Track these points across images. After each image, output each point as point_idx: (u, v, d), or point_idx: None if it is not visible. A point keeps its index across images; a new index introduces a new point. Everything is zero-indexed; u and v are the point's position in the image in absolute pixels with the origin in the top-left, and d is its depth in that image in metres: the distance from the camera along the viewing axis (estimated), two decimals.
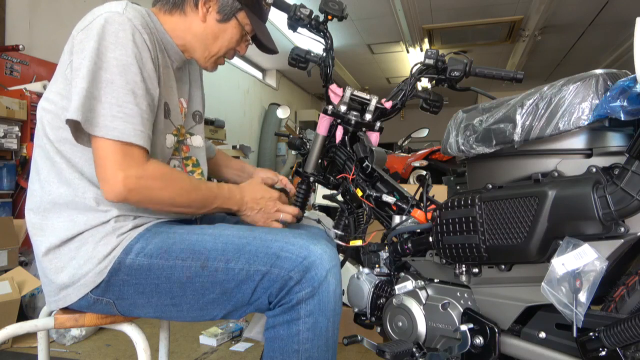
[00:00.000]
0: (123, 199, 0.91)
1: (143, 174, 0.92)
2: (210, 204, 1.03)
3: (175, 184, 0.97)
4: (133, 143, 0.91)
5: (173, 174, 0.99)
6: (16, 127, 2.72)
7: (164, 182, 0.95)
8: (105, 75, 0.90)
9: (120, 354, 2.12)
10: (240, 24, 1.12)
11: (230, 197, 1.07)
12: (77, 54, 0.93)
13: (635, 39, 0.79)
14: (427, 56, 1.35)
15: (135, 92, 0.92)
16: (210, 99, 6.10)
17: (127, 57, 0.92)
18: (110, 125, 0.89)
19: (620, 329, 0.79)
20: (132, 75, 0.92)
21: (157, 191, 0.94)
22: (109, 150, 0.90)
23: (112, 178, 0.89)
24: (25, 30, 3.32)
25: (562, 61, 7.68)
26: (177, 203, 0.98)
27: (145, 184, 0.92)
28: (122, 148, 0.90)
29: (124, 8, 0.95)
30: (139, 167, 0.92)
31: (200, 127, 1.22)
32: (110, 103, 0.90)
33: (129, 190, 0.90)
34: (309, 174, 1.44)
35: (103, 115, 0.89)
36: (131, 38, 0.93)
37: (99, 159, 0.91)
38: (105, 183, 0.90)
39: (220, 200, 1.05)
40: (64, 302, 0.98)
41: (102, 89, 0.90)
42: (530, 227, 0.91)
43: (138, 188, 0.91)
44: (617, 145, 0.91)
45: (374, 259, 1.31)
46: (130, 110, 0.91)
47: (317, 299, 0.92)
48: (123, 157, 0.90)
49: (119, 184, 0.89)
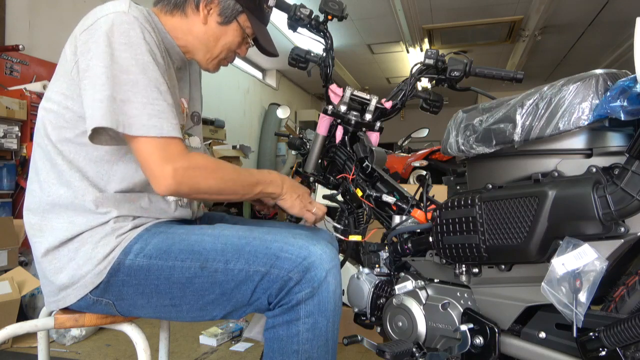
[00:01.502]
0: (175, 191, 0.92)
1: (189, 164, 0.93)
2: (254, 188, 1.04)
3: (220, 171, 0.98)
4: (172, 136, 0.92)
5: (217, 162, 1.00)
6: (16, 127, 2.72)
7: (210, 171, 0.96)
8: (127, 76, 0.90)
9: (120, 354, 2.12)
10: (241, 26, 1.12)
11: (272, 181, 1.07)
12: (83, 55, 0.92)
13: (635, 39, 0.79)
14: (427, 56, 1.35)
15: (160, 89, 0.93)
16: (210, 99, 6.08)
17: (143, 55, 0.93)
18: (148, 123, 0.90)
19: (620, 329, 0.79)
20: (152, 73, 0.93)
21: (204, 180, 0.95)
22: (152, 148, 0.91)
23: (161, 173, 0.90)
24: (25, 30, 3.32)
25: (562, 61, 7.68)
26: (223, 190, 0.99)
27: (193, 174, 0.93)
28: (163, 143, 0.91)
29: (128, 7, 0.95)
30: (184, 159, 0.93)
31: (198, 128, 1.23)
32: (142, 102, 0.91)
33: (179, 182, 0.91)
34: (309, 174, 1.44)
35: (138, 116, 0.90)
36: (142, 36, 0.93)
37: (144, 158, 0.91)
38: (155, 179, 0.91)
39: (263, 185, 1.06)
40: (64, 302, 0.98)
41: (129, 91, 0.90)
42: (530, 227, 0.91)
43: (187, 179, 0.92)
44: (617, 145, 0.91)
45: (374, 259, 1.31)
46: (160, 106, 0.92)
47: (316, 299, 0.92)
48: (166, 152, 0.91)
49: (169, 178, 0.90)
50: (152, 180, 0.92)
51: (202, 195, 0.97)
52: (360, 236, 1.30)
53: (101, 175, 0.98)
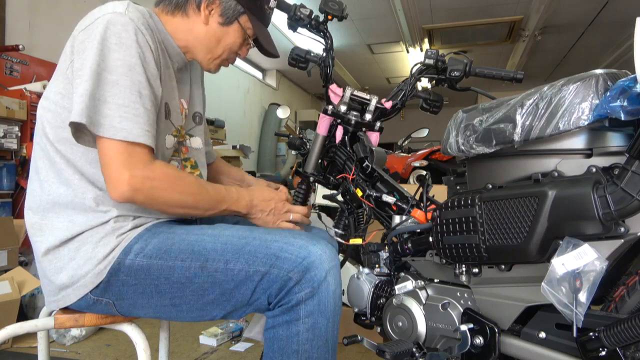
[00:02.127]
0: (128, 199, 0.91)
1: (149, 174, 0.92)
2: (218, 206, 1.02)
3: (182, 185, 0.96)
4: (140, 143, 0.91)
5: (180, 175, 0.98)
6: (16, 127, 2.72)
7: (171, 183, 0.95)
8: (111, 76, 0.90)
9: (120, 354, 2.12)
10: (243, 27, 1.12)
11: (238, 200, 1.05)
12: (79, 54, 0.92)
13: (635, 39, 0.79)
14: (427, 56, 1.35)
15: (141, 93, 0.92)
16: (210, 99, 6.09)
17: (132, 57, 0.92)
18: (118, 126, 0.89)
19: (620, 329, 0.79)
20: (137, 76, 0.92)
21: (163, 191, 0.94)
22: (115, 151, 0.89)
23: (117, 178, 0.89)
24: (25, 30, 3.32)
25: (562, 61, 7.68)
26: (183, 204, 0.97)
27: (151, 184, 0.92)
28: (128, 148, 0.90)
29: (125, 8, 0.95)
30: (146, 167, 0.91)
31: (200, 128, 1.22)
32: (117, 104, 0.90)
33: (135, 189, 0.90)
34: (309, 174, 1.44)
35: (110, 116, 0.89)
36: (134, 38, 0.93)
37: (105, 160, 0.90)
38: (111, 183, 0.90)
39: (228, 203, 1.04)
40: (64, 302, 0.98)
41: (108, 90, 0.90)
42: (530, 227, 0.91)
43: (144, 188, 0.91)
44: (617, 145, 0.91)
45: (374, 259, 1.31)
46: (137, 110, 0.91)
47: (316, 299, 0.92)
48: (129, 157, 0.90)
49: (124, 184, 0.89)
50: (107, 184, 0.91)
51: (160, 206, 0.96)
52: (360, 239, 1.30)
53: (98, 175, 0.97)
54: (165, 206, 0.96)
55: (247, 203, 1.07)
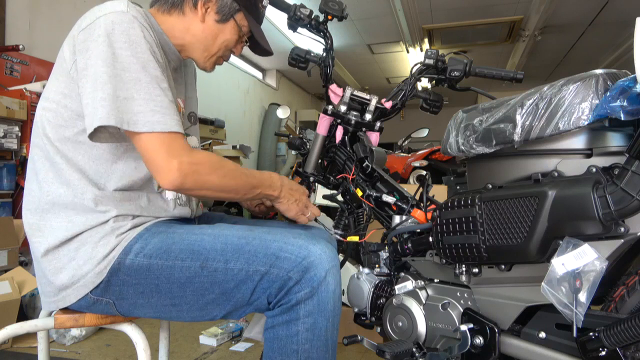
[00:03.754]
0: (180, 185, 0.92)
1: (193, 159, 0.94)
2: (255, 189, 1.05)
3: (225, 169, 0.99)
4: (176, 131, 0.93)
5: (220, 160, 1.00)
6: (16, 127, 2.72)
7: (215, 168, 0.97)
8: (130, 74, 0.91)
9: (120, 354, 2.12)
10: (238, 25, 1.14)
11: (271, 184, 1.09)
12: (82, 54, 0.93)
13: (635, 39, 0.79)
14: (427, 56, 1.35)
15: (161, 86, 0.94)
16: (210, 99, 6.06)
17: (144, 53, 0.93)
18: (152, 119, 0.91)
19: (620, 329, 0.79)
20: (153, 70, 0.94)
21: (208, 176, 0.96)
22: (157, 143, 0.91)
23: (166, 167, 0.91)
24: (25, 30, 3.32)
25: (562, 61, 7.68)
26: (226, 188, 1.00)
27: (197, 169, 0.94)
28: (168, 138, 0.92)
29: (126, 7, 0.96)
30: (188, 154, 0.94)
31: (195, 128, 1.24)
32: (145, 99, 0.91)
33: (185, 175, 0.92)
34: (309, 174, 1.44)
35: (142, 112, 0.90)
36: (142, 35, 0.94)
37: (149, 153, 0.92)
38: (160, 173, 0.92)
39: (263, 187, 1.07)
40: (64, 302, 0.98)
41: (131, 88, 0.91)
42: (530, 227, 0.91)
43: (192, 173, 0.93)
44: (617, 145, 0.91)
45: (374, 259, 1.31)
46: (163, 102, 0.93)
47: (316, 299, 0.92)
48: (172, 147, 0.92)
49: (174, 171, 0.91)
50: (157, 175, 0.93)
51: (205, 191, 0.97)
52: (357, 237, 1.30)
53: (100, 173, 0.98)
54: (210, 191, 0.98)
55: (279, 187, 1.11)
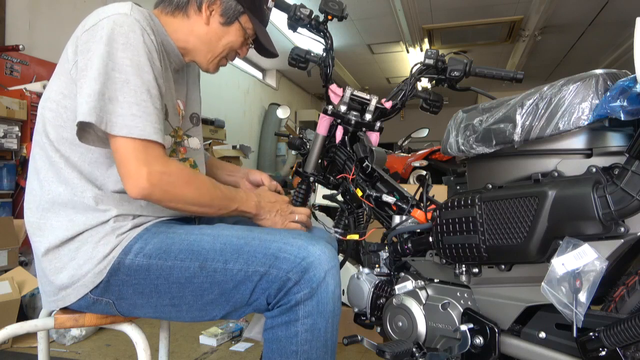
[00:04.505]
0: (147, 195, 0.91)
1: (166, 170, 0.92)
2: (230, 204, 1.03)
3: (197, 182, 0.97)
4: (154, 140, 0.92)
5: (194, 172, 0.99)
6: (16, 127, 2.72)
7: (187, 179, 0.96)
8: (120, 75, 0.91)
9: (120, 354, 2.12)
10: (243, 27, 1.13)
11: (247, 200, 1.06)
12: (83, 54, 0.93)
13: (635, 39, 0.79)
14: (427, 56, 1.35)
15: (150, 92, 0.93)
16: (210, 99, 6.05)
17: (140, 57, 0.93)
18: (131, 124, 0.90)
19: (620, 329, 0.79)
20: (146, 75, 0.93)
21: (180, 188, 0.94)
22: (131, 148, 0.90)
23: (136, 174, 0.90)
24: (25, 30, 3.32)
25: (562, 61, 7.68)
26: (198, 202, 0.98)
27: (168, 180, 0.92)
28: (144, 145, 0.91)
29: (130, 9, 0.96)
30: (162, 164, 0.92)
31: (197, 129, 1.23)
32: (129, 102, 0.90)
33: (153, 185, 0.90)
34: (309, 174, 1.44)
35: (122, 115, 0.90)
36: (141, 39, 0.94)
37: (122, 157, 0.91)
38: (129, 179, 0.90)
39: (239, 203, 1.04)
40: (64, 302, 0.98)
41: (119, 89, 0.90)
42: (530, 227, 0.91)
43: (162, 184, 0.91)
44: (617, 145, 0.91)
45: (374, 259, 1.31)
46: (147, 109, 0.92)
47: (315, 300, 0.92)
48: (146, 154, 0.91)
49: (143, 179, 0.89)
50: (125, 181, 0.91)
51: (176, 203, 0.96)
52: (357, 235, 1.30)
53: (96, 176, 0.98)
54: (181, 203, 0.96)
55: (256, 204, 1.08)
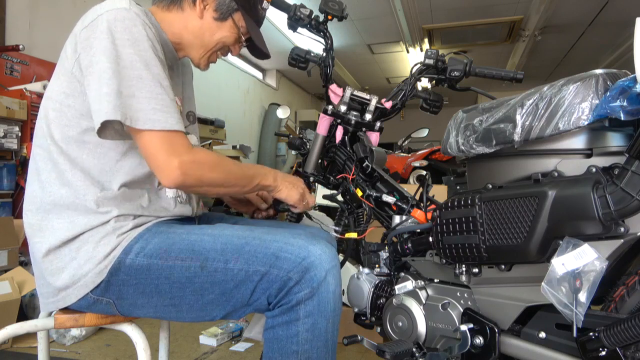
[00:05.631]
0: (180, 184, 0.94)
1: (194, 158, 0.95)
2: (253, 181, 1.08)
3: (223, 164, 1.01)
4: (177, 130, 0.94)
5: (218, 156, 1.03)
6: (16, 127, 2.72)
7: (213, 164, 0.99)
8: (132, 72, 0.92)
9: (120, 354, 2.12)
10: (236, 24, 1.14)
11: (267, 174, 1.12)
12: (85, 51, 0.93)
13: (635, 39, 0.79)
14: (427, 56, 1.35)
15: (162, 84, 0.95)
16: (210, 99, 6.05)
17: (146, 51, 0.94)
18: (154, 117, 0.92)
19: (620, 329, 0.79)
20: (155, 68, 0.95)
21: (209, 172, 0.98)
22: (158, 141, 0.92)
23: (167, 165, 0.92)
24: (25, 30, 3.32)
25: (562, 61, 7.68)
26: (226, 183, 1.02)
27: (198, 167, 0.96)
28: (169, 137, 0.93)
29: (128, 4, 0.96)
30: (189, 152, 0.95)
31: (194, 126, 1.24)
32: (147, 97, 0.92)
33: (185, 174, 0.93)
34: (309, 174, 1.44)
35: (143, 110, 0.91)
36: (144, 32, 0.95)
37: (150, 151, 0.93)
38: (162, 171, 0.93)
39: (260, 177, 1.10)
40: (64, 302, 0.98)
41: (134, 86, 0.92)
42: (530, 227, 0.91)
43: (192, 171, 0.95)
44: (617, 145, 0.91)
45: (374, 259, 1.31)
46: (164, 100, 0.94)
47: (316, 299, 0.92)
48: (173, 145, 0.93)
49: (175, 170, 0.92)
50: (158, 173, 0.94)
51: (206, 187, 1.00)
52: (355, 233, 1.30)
53: (105, 171, 0.98)
54: (211, 187, 1.00)
55: (274, 176, 1.14)
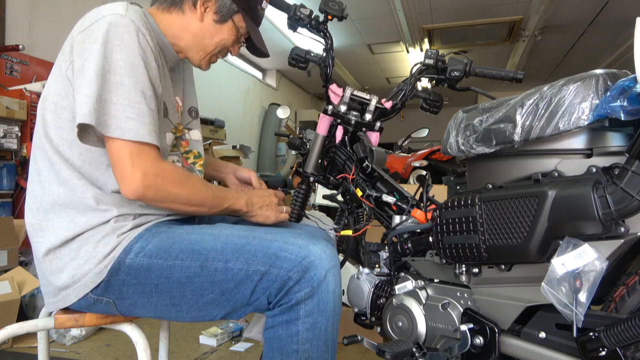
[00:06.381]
0: (141, 196, 0.93)
1: (159, 171, 0.94)
2: (222, 203, 1.04)
3: (190, 182, 0.99)
4: (148, 142, 0.93)
5: (186, 173, 1.01)
6: (16, 127, 2.72)
7: (180, 180, 0.97)
8: (115, 77, 0.91)
9: (120, 354, 2.12)
10: (236, 26, 1.14)
11: (239, 198, 1.07)
12: (79, 55, 0.93)
13: (635, 39, 0.79)
14: (427, 56, 1.35)
15: (145, 93, 0.94)
16: (210, 99, 6.05)
17: (134, 58, 0.93)
18: (125, 126, 0.91)
19: (620, 329, 0.79)
20: (140, 76, 0.94)
21: (173, 189, 0.96)
22: (125, 150, 0.91)
23: (130, 176, 0.91)
24: (25, 30, 3.32)
25: (562, 61, 7.68)
26: (191, 201, 0.99)
27: (162, 181, 0.94)
28: (137, 147, 0.92)
29: (125, 10, 0.96)
30: (156, 166, 0.93)
31: (197, 122, 1.25)
32: (123, 104, 0.91)
33: (147, 187, 0.92)
34: (309, 174, 1.44)
35: (116, 117, 0.91)
36: (136, 39, 0.94)
37: (116, 159, 0.92)
38: (124, 181, 0.92)
39: (231, 201, 1.05)
40: (64, 302, 0.98)
41: (113, 91, 0.91)
42: (530, 227, 0.91)
43: (155, 185, 0.93)
44: (617, 145, 0.91)
45: (374, 259, 1.31)
46: (142, 110, 0.93)
47: (316, 299, 0.92)
48: (139, 156, 0.92)
49: (137, 182, 0.91)
50: (120, 182, 0.93)
51: (170, 203, 0.97)
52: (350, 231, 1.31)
53: (96, 176, 0.98)
54: (174, 203, 0.98)
55: (247, 201, 1.09)
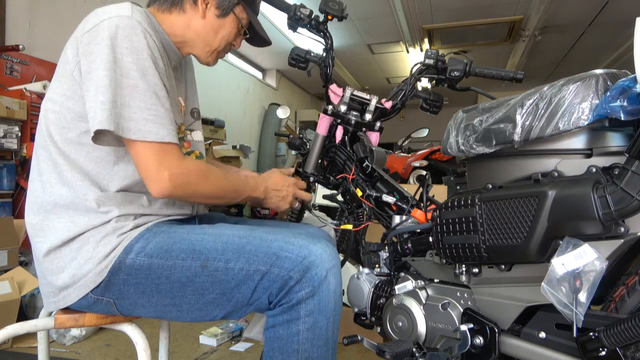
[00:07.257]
0: (169, 194, 0.96)
1: (184, 170, 0.97)
2: (241, 193, 1.11)
3: (212, 177, 1.03)
4: (168, 142, 0.95)
5: (208, 168, 1.04)
6: (16, 127, 2.72)
7: (203, 177, 1.01)
8: (128, 81, 0.92)
9: (120, 354, 2.12)
10: (238, 17, 1.16)
11: (256, 187, 1.14)
12: (85, 57, 0.93)
13: (635, 39, 0.79)
14: (427, 56, 1.35)
15: (158, 94, 0.96)
16: (210, 99, 6.06)
17: (145, 60, 0.94)
18: (144, 128, 0.92)
19: (620, 329, 0.79)
20: (151, 78, 0.95)
21: (198, 185, 1.00)
22: (149, 152, 0.94)
23: (157, 177, 0.94)
24: (25, 30, 3.32)
25: (562, 61, 7.68)
26: (215, 195, 1.04)
27: (187, 179, 0.97)
28: (160, 148, 0.94)
29: (131, 11, 0.96)
30: (180, 165, 0.97)
31: (198, 123, 1.25)
32: (140, 107, 0.93)
33: (175, 186, 0.95)
34: (309, 174, 1.44)
35: (135, 120, 0.92)
36: (144, 41, 0.95)
37: (141, 161, 0.94)
38: (152, 182, 0.95)
39: (249, 190, 1.12)
40: (64, 302, 0.98)
41: (128, 95, 0.92)
42: (530, 227, 0.91)
43: (182, 183, 0.96)
44: (617, 145, 0.91)
45: (374, 259, 1.31)
46: (158, 111, 0.95)
47: (317, 298, 0.93)
48: (164, 157, 0.95)
49: (165, 182, 0.94)
50: (148, 183, 0.95)
51: (195, 198, 1.04)
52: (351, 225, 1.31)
53: (102, 175, 0.99)
54: (200, 198, 1.05)
55: (263, 190, 1.16)
